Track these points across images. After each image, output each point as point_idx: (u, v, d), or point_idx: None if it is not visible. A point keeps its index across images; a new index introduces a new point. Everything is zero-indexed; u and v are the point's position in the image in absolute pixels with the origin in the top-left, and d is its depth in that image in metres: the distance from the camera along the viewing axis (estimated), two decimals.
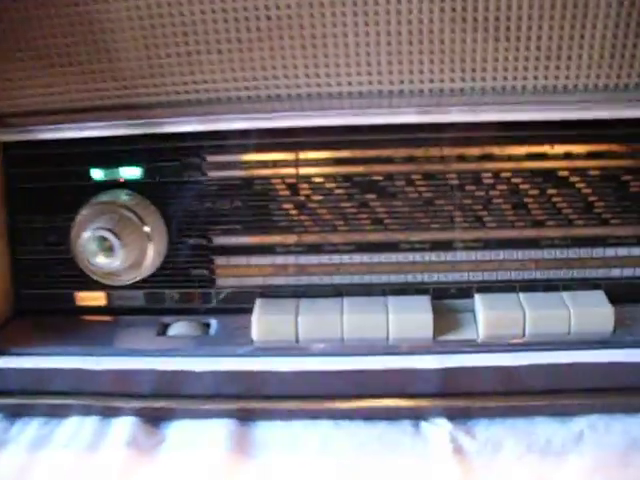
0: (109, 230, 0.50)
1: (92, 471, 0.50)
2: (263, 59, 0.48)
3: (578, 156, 0.51)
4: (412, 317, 0.51)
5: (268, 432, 0.53)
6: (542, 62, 0.47)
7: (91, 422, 0.54)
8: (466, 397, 0.51)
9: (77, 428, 0.53)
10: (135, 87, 0.49)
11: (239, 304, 0.54)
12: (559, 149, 0.51)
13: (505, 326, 0.51)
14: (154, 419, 0.54)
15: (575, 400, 0.51)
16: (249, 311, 0.53)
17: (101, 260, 0.50)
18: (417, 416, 0.53)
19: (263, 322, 0.52)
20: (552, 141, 0.51)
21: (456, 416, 0.52)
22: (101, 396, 0.53)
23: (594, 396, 0.51)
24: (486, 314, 0.51)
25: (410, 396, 0.51)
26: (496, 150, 0.51)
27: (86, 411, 0.53)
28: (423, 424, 0.52)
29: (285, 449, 0.52)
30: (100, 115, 0.51)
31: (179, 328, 0.54)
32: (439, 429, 0.52)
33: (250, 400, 0.52)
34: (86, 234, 0.50)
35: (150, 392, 0.52)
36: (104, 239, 0.50)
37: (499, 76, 0.48)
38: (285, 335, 0.51)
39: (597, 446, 0.50)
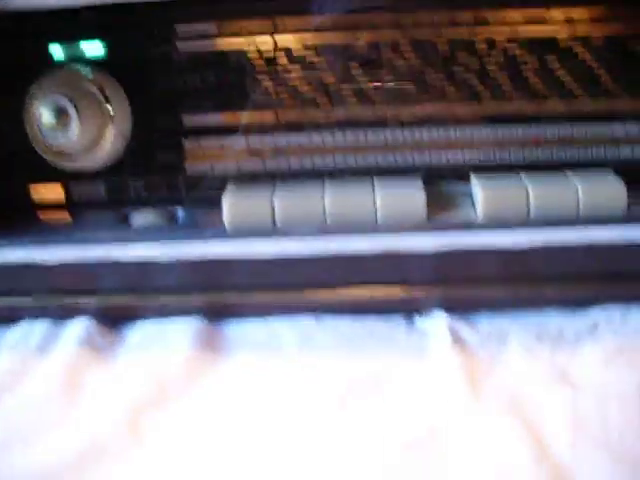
0: (65, 97, 0.45)
1: (41, 372, 0.44)
2: None
3: (580, 21, 0.47)
4: (402, 193, 0.46)
5: (241, 330, 0.47)
6: None
7: (43, 323, 0.48)
8: (465, 285, 0.46)
9: (27, 331, 0.47)
10: None
11: (211, 192, 0.48)
12: (558, 13, 0.47)
13: (507, 205, 0.45)
14: (113, 319, 0.47)
15: (588, 287, 0.46)
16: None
17: (56, 133, 0.45)
18: (411, 308, 0.47)
19: (236, 204, 0.46)
20: (550, 4, 0.47)
21: (455, 307, 0.46)
22: (55, 294, 0.47)
23: (610, 282, 0.46)
24: (485, 191, 0.46)
25: (402, 284, 0.46)
26: (490, 14, 0.47)
27: (39, 312, 0.47)
28: (418, 317, 0.47)
29: (260, 348, 0.45)
30: None
31: (143, 217, 0.49)
32: (436, 322, 0.46)
33: (221, 293, 0.46)
34: (40, 101, 0.45)
35: (109, 287, 0.47)
36: (60, 108, 0.45)
37: None
38: (260, 218, 0.46)
39: (615, 335, 0.44)
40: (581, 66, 0.47)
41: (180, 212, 0.49)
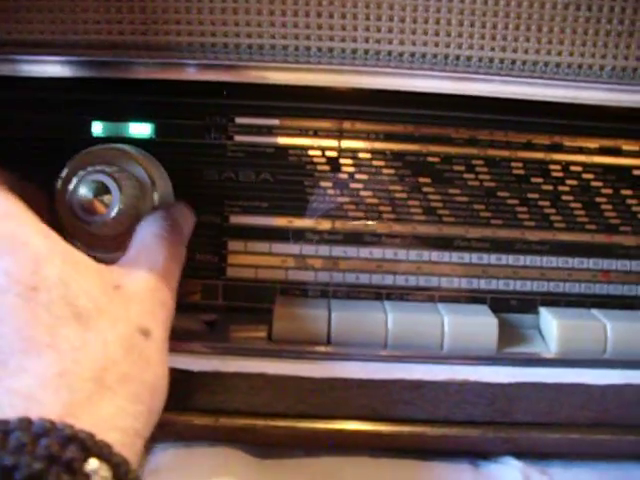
0: (108, 174, 0.40)
1: None
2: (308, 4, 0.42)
3: None
4: (472, 321, 0.42)
5: None
6: None
7: None
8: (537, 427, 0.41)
9: None
10: (165, 23, 0.42)
11: (252, 302, 0.43)
12: (633, 145, 0.45)
13: (583, 340, 0.42)
14: None
15: None
16: (263, 311, 0.43)
17: (94, 209, 0.39)
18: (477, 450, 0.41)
19: (286, 315, 0.41)
20: (625, 136, 0.45)
21: (526, 452, 0.41)
22: None
23: None
24: (560, 324, 0.42)
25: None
26: (566, 140, 0.45)
27: None
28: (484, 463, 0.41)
29: None
30: (116, 53, 0.43)
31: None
32: (507, 469, 0.41)
33: None
34: (79, 177, 0.39)
35: None
36: (101, 186, 0.40)
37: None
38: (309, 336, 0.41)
39: None
40: None
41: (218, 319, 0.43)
